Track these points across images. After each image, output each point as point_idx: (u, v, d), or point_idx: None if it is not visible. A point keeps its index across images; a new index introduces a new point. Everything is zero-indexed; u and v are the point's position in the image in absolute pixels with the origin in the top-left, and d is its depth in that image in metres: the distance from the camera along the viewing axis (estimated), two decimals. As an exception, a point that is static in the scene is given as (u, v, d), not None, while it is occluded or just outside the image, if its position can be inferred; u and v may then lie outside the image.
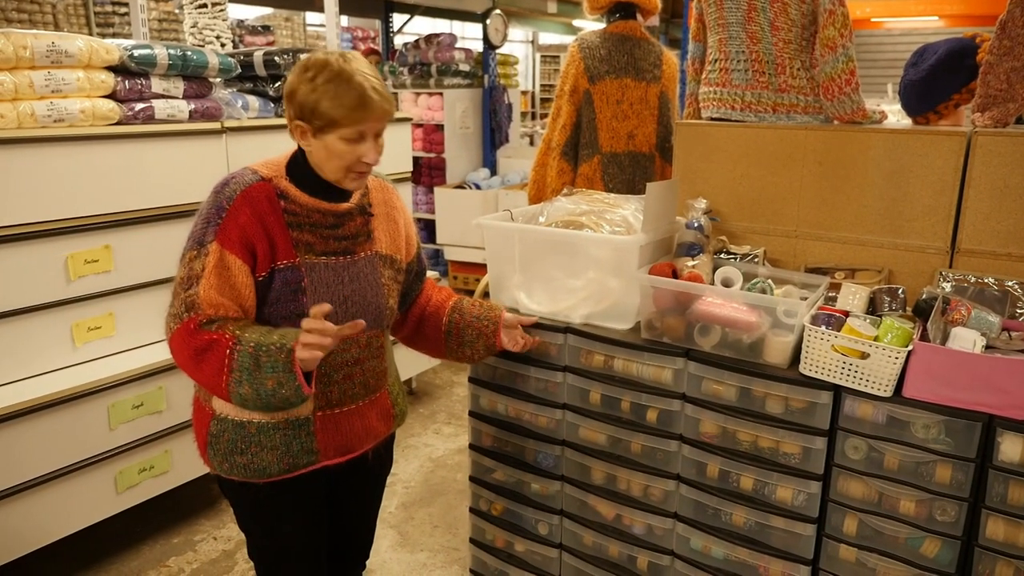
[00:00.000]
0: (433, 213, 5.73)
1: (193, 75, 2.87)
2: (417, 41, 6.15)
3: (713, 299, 1.82)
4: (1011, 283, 1.83)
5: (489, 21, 5.93)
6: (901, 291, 1.85)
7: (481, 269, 5.21)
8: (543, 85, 14.34)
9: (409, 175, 4.05)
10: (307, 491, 1.69)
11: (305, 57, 1.54)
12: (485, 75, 6.02)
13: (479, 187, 5.61)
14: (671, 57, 3.17)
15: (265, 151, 1.66)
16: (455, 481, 3.34)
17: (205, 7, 3.63)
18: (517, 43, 14.55)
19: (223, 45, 3.68)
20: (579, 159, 3.10)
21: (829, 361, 1.65)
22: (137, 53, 2.64)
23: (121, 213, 2.66)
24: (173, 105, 2.80)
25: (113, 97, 2.64)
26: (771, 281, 1.88)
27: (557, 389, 2.04)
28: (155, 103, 2.74)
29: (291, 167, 1.59)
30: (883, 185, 2.05)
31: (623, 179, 3.06)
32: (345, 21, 9.09)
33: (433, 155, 5.85)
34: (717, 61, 2.36)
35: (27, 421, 2.33)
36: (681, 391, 1.86)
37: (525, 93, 12.11)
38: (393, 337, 1.93)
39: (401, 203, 1.80)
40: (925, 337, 1.64)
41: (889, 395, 1.60)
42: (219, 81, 3.03)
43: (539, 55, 14.87)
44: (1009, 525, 1.54)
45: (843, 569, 1.74)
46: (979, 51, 2.06)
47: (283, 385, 1.43)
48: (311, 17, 9.67)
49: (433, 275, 4.20)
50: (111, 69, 2.61)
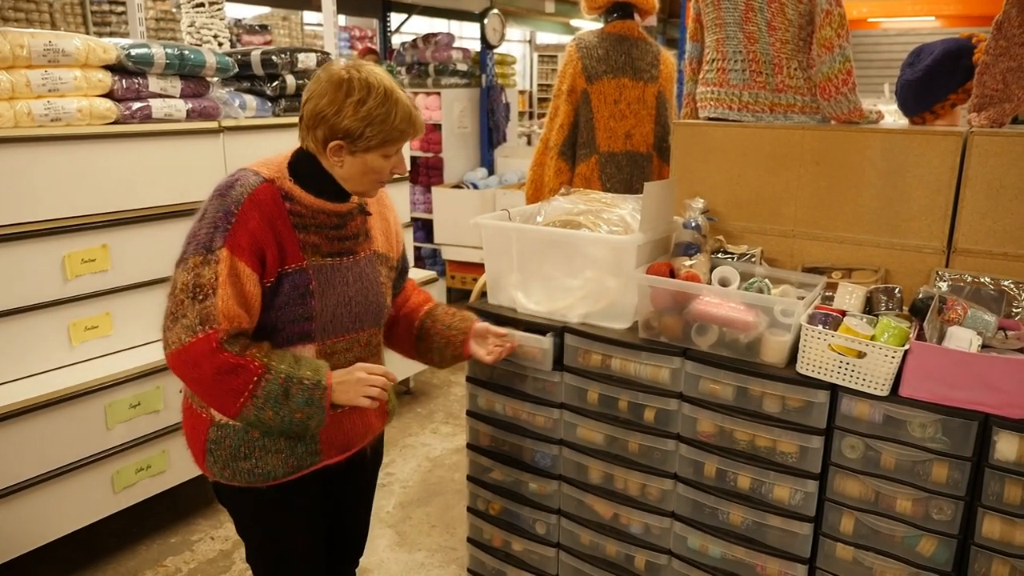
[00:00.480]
0: (431, 213, 5.73)
1: (190, 74, 2.86)
2: (415, 41, 6.15)
3: (710, 298, 1.82)
4: (1007, 282, 1.84)
5: (487, 21, 5.92)
6: (897, 290, 1.86)
7: (479, 269, 5.20)
8: (541, 85, 14.34)
9: (407, 174, 4.05)
10: (308, 492, 1.69)
11: (336, 77, 1.47)
12: (483, 75, 6.01)
13: (477, 187, 5.61)
14: (668, 57, 3.18)
15: (263, 150, 1.65)
16: (453, 481, 3.34)
17: (202, 6, 3.62)
18: (515, 43, 14.54)
19: (220, 44, 3.67)
20: (577, 159, 3.10)
21: (826, 360, 1.65)
22: (134, 52, 2.63)
23: (118, 212, 2.66)
24: (170, 104, 2.80)
25: (110, 96, 2.63)
26: (768, 281, 1.88)
27: (555, 388, 2.04)
28: (152, 102, 2.74)
29: (293, 168, 1.56)
30: (880, 185, 2.05)
31: (620, 179, 3.07)
32: (343, 20, 9.07)
33: (431, 154, 5.85)
34: (714, 61, 2.36)
35: (24, 421, 2.33)
36: (678, 390, 1.86)
37: (523, 93, 12.11)
38: None
39: (390, 200, 1.81)
40: (921, 336, 1.64)
41: (886, 394, 1.60)
42: (216, 80, 3.02)
43: (537, 55, 14.86)
44: (1005, 524, 1.54)
45: (840, 568, 1.75)
46: (975, 51, 2.06)
47: (311, 417, 1.50)
48: (308, 16, 9.66)
49: (431, 274, 4.20)
50: (108, 68, 2.61)
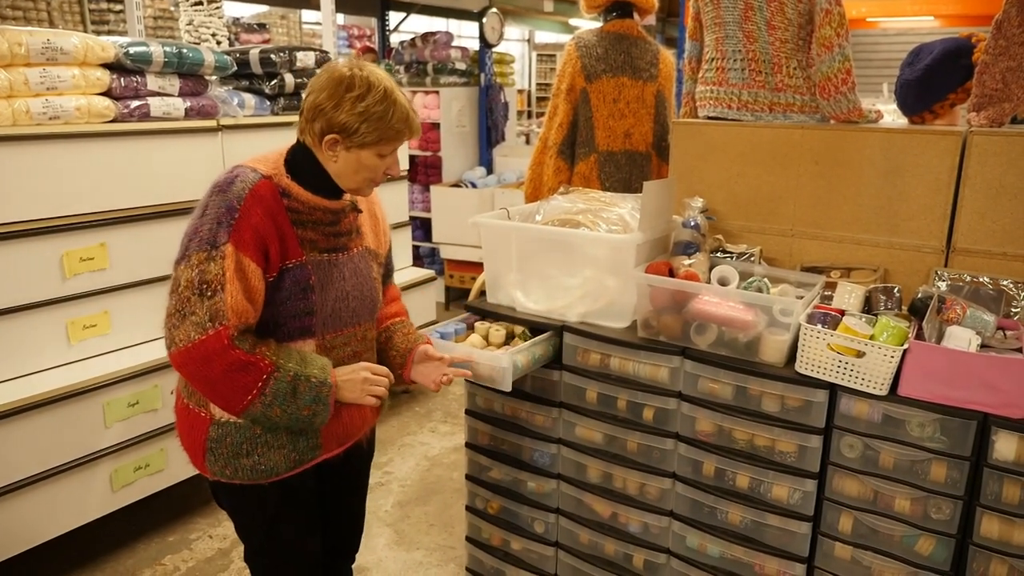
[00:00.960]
0: (429, 212, 5.72)
1: (189, 73, 2.86)
2: (413, 39, 6.14)
3: (709, 298, 1.82)
4: (1006, 282, 1.84)
5: (485, 20, 5.92)
6: (897, 290, 1.86)
7: (477, 268, 5.20)
8: (539, 84, 14.34)
9: (402, 176, 4.05)
10: (307, 487, 1.69)
11: (337, 73, 1.50)
12: (481, 74, 6.01)
13: (475, 186, 5.60)
14: (668, 56, 3.17)
15: (261, 149, 1.65)
16: (451, 480, 3.34)
17: (201, 4, 3.62)
18: (513, 42, 14.53)
19: (219, 43, 3.66)
20: (576, 158, 3.10)
21: (825, 360, 1.65)
22: (133, 50, 2.63)
23: (116, 211, 2.65)
24: (169, 103, 2.79)
25: (108, 95, 2.63)
26: (767, 280, 1.88)
27: (553, 387, 2.04)
28: (151, 101, 2.73)
29: (289, 164, 1.57)
30: (879, 184, 2.05)
31: (619, 178, 3.06)
32: (341, 19, 9.07)
33: (429, 153, 5.84)
34: (714, 60, 2.36)
35: (22, 419, 2.32)
36: (677, 389, 1.86)
37: (521, 92, 12.11)
38: None
39: (378, 197, 1.82)
40: (920, 336, 1.64)
41: (884, 394, 1.60)
42: (215, 79, 3.02)
43: (535, 54, 14.85)
44: (1003, 523, 1.54)
45: (838, 567, 1.75)
46: (975, 51, 2.07)
47: (317, 415, 1.55)
48: (307, 15, 9.64)
49: (429, 273, 4.20)
50: (106, 66, 2.60)
